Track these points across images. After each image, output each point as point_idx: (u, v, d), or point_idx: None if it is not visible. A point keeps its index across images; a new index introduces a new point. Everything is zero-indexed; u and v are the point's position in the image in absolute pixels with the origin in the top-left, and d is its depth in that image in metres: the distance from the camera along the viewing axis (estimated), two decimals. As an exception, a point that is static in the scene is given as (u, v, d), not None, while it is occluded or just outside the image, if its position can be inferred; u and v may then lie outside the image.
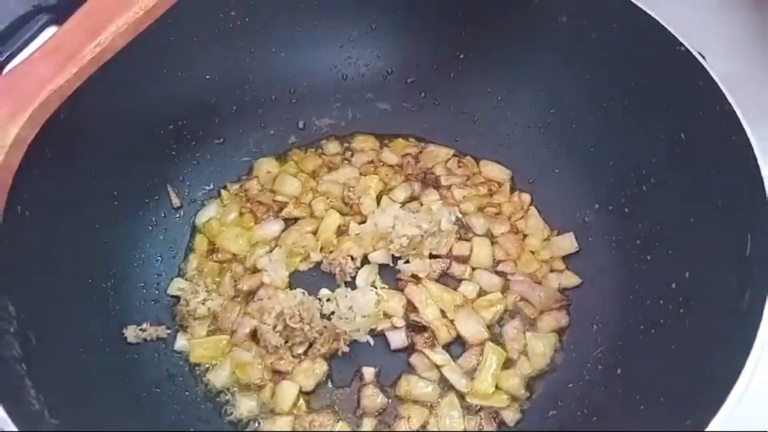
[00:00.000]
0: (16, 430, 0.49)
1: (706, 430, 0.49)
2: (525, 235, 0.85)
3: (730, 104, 0.64)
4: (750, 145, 0.61)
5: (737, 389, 0.49)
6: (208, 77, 0.86)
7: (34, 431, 0.52)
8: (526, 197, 0.88)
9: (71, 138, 0.71)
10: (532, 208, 0.87)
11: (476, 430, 0.71)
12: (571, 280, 0.81)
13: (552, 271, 0.82)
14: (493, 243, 0.84)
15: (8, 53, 0.69)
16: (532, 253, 0.83)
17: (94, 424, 0.58)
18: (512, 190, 0.89)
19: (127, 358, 0.73)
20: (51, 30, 0.72)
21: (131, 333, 0.74)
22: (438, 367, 0.74)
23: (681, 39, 0.70)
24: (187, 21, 0.80)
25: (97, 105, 0.73)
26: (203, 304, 0.78)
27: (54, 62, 0.61)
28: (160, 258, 0.82)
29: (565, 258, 0.83)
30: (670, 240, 0.72)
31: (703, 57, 0.99)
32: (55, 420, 0.54)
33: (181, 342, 0.77)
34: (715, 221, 0.65)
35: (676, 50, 0.71)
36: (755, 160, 0.60)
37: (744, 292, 0.56)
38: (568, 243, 0.83)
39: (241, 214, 0.86)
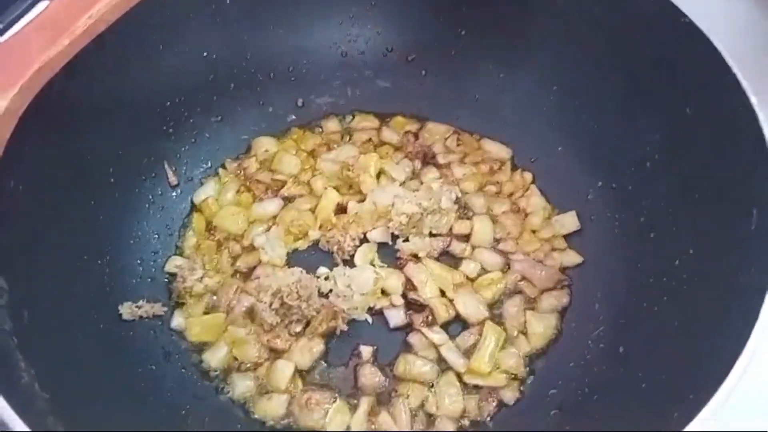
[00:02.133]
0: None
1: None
2: (526, 214, 0.84)
3: (735, 75, 0.62)
4: (756, 118, 0.60)
5: (739, 365, 0.48)
6: (205, 54, 0.85)
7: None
8: (528, 176, 0.87)
9: (65, 112, 0.70)
10: (534, 186, 0.85)
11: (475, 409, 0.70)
12: (573, 258, 0.80)
13: (553, 249, 0.81)
14: (494, 222, 0.83)
15: (1, 26, 0.68)
16: (534, 232, 0.82)
17: (86, 399, 0.58)
18: (513, 168, 0.87)
19: (122, 335, 0.72)
20: (43, 4, 0.71)
21: (126, 310, 0.73)
22: (436, 346, 0.73)
23: (684, 11, 0.68)
24: (184, -4, 0.79)
25: (92, 80, 0.72)
26: (200, 281, 0.78)
27: (46, 35, 0.60)
28: (156, 236, 0.81)
29: (567, 237, 0.81)
30: (674, 217, 0.71)
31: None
32: (45, 393, 0.54)
33: (177, 320, 0.76)
34: (720, 196, 0.63)
35: (680, 22, 0.68)
36: (761, 132, 0.58)
37: (749, 267, 0.54)
38: (570, 221, 0.82)
39: (239, 192, 0.86)
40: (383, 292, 0.78)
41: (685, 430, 0.48)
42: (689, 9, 0.71)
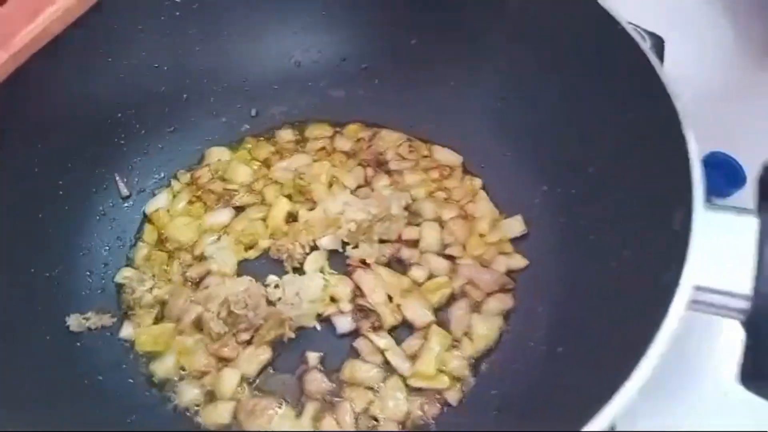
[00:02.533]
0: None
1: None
2: (474, 219, 0.85)
3: (661, 82, 0.63)
4: (680, 127, 0.61)
5: (652, 354, 0.49)
6: (156, 65, 0.86)
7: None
8: (477, 182, 0.88)
9: (9, 124, 0.70)
10: (482, 191, 0.87)
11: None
12: (518, 262, 0.81)
13: (500, 253, 0.82)
14: (442, 227, 0.84)
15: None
16: (481, 236, 0.83)
17: (29, 407, 0.59)
18: (463, 174, 0.89)
19: (70, 347, 0.72)
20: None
21: (74, 321, 0.74)
22: (382, 351, 0.74)
23: (618, 18, 0.69)
24: (132, 7, 0.80)
25: (38, 91, 0.74)
26: (150, 292, 0.78)
27: (-18, 47, 0.61)
28: (107, 247, 0.82)
29: (514, 241, 0.83)
30: (612, 220, 0.72)
31: (662, 39, 1.00)
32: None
33: (126, 330, 0.76)
34: (650, 199, 0.64)
35: (614, 29, 0.70)
36: (684, 140, 0.59)
37: (670, 265, 0.56)
38: (516, 225, 0.83)
39: (191, 202, 0.86)
40: (332, 299, 0.78)
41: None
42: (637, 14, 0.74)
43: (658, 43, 0.98)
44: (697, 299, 0.52)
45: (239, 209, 0.86)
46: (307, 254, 0.82)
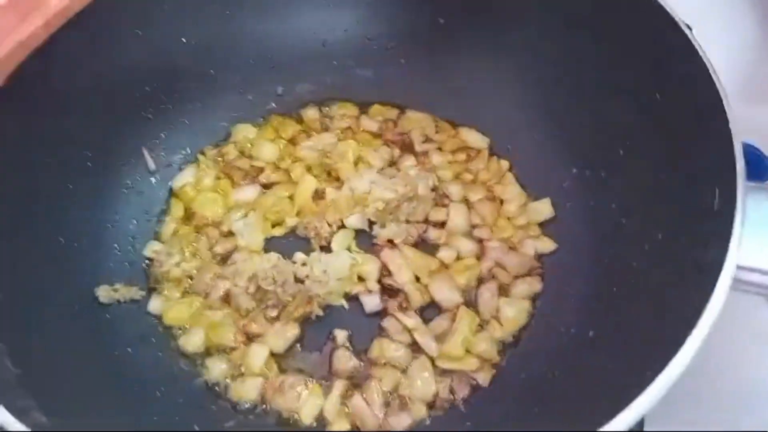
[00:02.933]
0: None
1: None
2: (502, 202, 0.84)
3: (702, 60, 0.63)
4: (722, 106, 0.61)
5: (692, 341, 0.49)
6: (184, 40, 0.85)
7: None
8: (504, 164, 0.87)
9: (41, 95, 0.70)
10: (509, 174, 0.86)
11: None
12: (547, 245, 0.80)
13: (528, 237, 0.81)
14: (469, 209, 0.83)
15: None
16: (509, 219, 0.83)
17: (58, 376, 0.59)
18: (490, 156, 0.88)
19: (99, 319, 0.72)
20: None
21: (103, 293, 0.74)
22: (410, 331, 0.74)
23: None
24: (160, -18, 0.79)
25: (68, 63, 0.73)
26: (177, 266, 0.78)
27: (17, 13, 0.61)
28: (135, 221, 0.82)
29: (542, 224, 0.82)
30: (644, 202, 0.71)
31: (689, 28, 0.99)
32: (16, 369, 0.54)
33: (154, 303, 0.76)
34: (686, 180, 0.64)
35: (651, 7, 0.69)
36: (725, 116, 0.59)
37: (710, 247, 0.55)
38: (544, 208, 0.82)
39: (218, 179, 0.86)
40: (359, 278, 0.78)
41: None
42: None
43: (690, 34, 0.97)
44: (740, 278, 0.52)
45: (266, 186, 0.86)
46: (334, 233, 0.81)
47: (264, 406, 0.71)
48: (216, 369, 0.72)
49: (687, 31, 0.66)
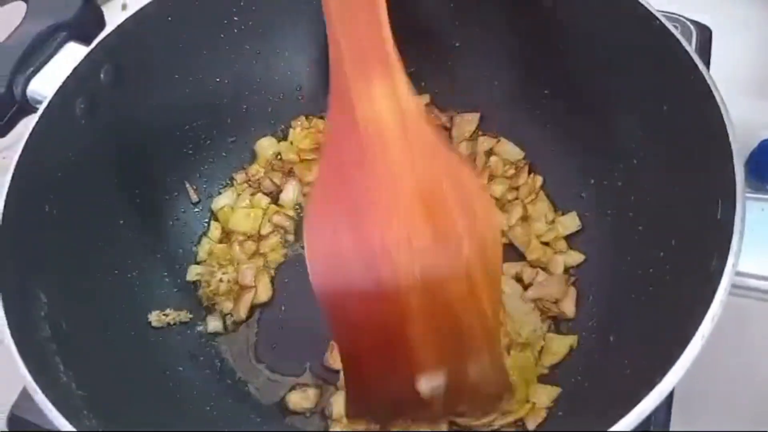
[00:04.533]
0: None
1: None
2: (533, 220, 0.86)
3: (702, 76, 0.65)
4: (720, 114, 0.63)
5: (695, 342, 0.52)
6: (218, 80, 0.92)
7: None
8: (539, 179, 0.89)
9: (92, 142, 0.77)
10: (541, 191, 0.89)
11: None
12: (575, 258, 0.83)
13: (556, 253, 0.84)
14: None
15: (30, 70, 0.77)
16: (537, 237, 0.85)
17: (118, 396, 0.65)
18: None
19: (152, 341, 0.79)
20: (70, 46, 0.80)
21: (155, 318, 0.80)
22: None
23: (655, 13, 0.71)
24: (194, 28, 0.86)
25: (113, 114, 0.80)
26: (221, 281, 0.85)
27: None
28: (181, 250, 0.89)
29: (567, 237, 0.85)
30: (658, 210, 0.74)
31: (709, 30, 1.00)
32: (82, 392, 0.61)
33: (213, 323, 0.83)
34: (694, 189, 0.66)
35: (654, 26, 0.72)
36: (724, 127, 0.61)
37: (713, 254, 0.58)
38: (572, 222, 0.85)
39: (252, 195, 0.93)
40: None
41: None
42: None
43: (706, 34, 0.99)
44: (739, 284, 0.55)
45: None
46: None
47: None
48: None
49: (690, 49, 0.68)
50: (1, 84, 0.76)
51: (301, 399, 0.77)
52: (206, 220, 0.92)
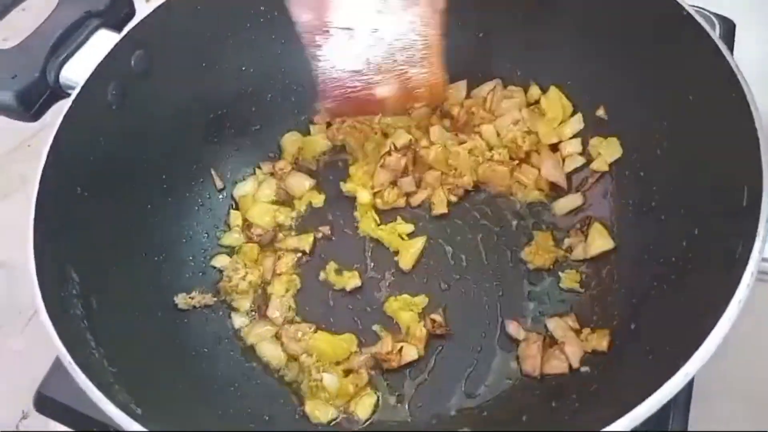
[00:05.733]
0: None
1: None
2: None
3: (729, 65, 0.66)
4: (748, 109, 0.63)
5: (719, 329, 0.52)
6: (243, 68, 0.93)
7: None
8: None
9: (122, 127, 0.79)
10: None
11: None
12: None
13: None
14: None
15: (63, 56, 0.78)
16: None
17: (147, 374, 0.67)
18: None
19: (177, 322, 0.81)
20: (101, 33, 0.82)
21: (181, 300, 0.82)
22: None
23: (683, 4, 0.71)
24: (221, 17, 0.87)
25: (143, 101, 0.82)
26: (244, 279, 0.86)
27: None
28: (206, 234, 0.90)
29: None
30: (681, 200, 0.74)
31: (733, 23, 1.00)
32: (112, 368, 0.63)
33: (238, 321, 0.84)
34: (718, 177, 0.67)
35: (680, 15, 0.72)
36: (750, 114, 0.62)
37: (739, 241, 0.58)
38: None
39: (277, 190, 0.93)
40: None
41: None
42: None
43: (729, 27, 0.99)
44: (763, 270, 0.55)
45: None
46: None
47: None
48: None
49: (716, 38, 0.68)
50: (35, 70, 0.77)
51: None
52: (229, 206, 0.93)
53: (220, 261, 0.88)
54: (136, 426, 0.54)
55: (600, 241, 0.82)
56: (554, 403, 0.72)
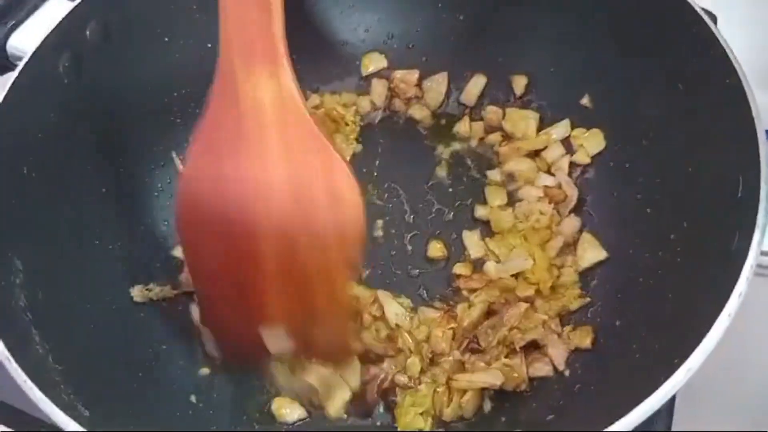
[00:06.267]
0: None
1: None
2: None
3: (723, 49, 0.63)
4: (744, 95, 0.61)
5: (719, 324, 0.49)
6: (209, 45, 0.87)
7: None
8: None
9: (76, 103, 0.73)
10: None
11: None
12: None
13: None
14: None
15: (11, 24, 0.72)
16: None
17: (97, 372, 0.61)
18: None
19: (133, 316, 0.75)
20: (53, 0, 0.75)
21: (137, 292, 0.76)
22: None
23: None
24: (186, -11, 0.82)
25: (99, 73, 0.76)
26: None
27: None
28: (166, 222, 0.84)
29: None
30: (669, 192, 0.72)
31: (714, 17, 0.98)
32: (58, 365, 0.57)
33: (197, 313, 0.77)
34: (710, 167, 0.64)
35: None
36: (747, 102, 0.59)
37: (734, 234, 0.55)
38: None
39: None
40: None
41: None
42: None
43: (711, 19, 0.97)
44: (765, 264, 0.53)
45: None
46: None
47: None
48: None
49: (710, 23, 0.66)
50: (-23, 38, 0.71)
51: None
52: (193, 193, 0.87)
53: (181, 251, 0.82)
54: (80, 428, 0.49)
55: (591, 253, 0.78)
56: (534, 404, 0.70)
